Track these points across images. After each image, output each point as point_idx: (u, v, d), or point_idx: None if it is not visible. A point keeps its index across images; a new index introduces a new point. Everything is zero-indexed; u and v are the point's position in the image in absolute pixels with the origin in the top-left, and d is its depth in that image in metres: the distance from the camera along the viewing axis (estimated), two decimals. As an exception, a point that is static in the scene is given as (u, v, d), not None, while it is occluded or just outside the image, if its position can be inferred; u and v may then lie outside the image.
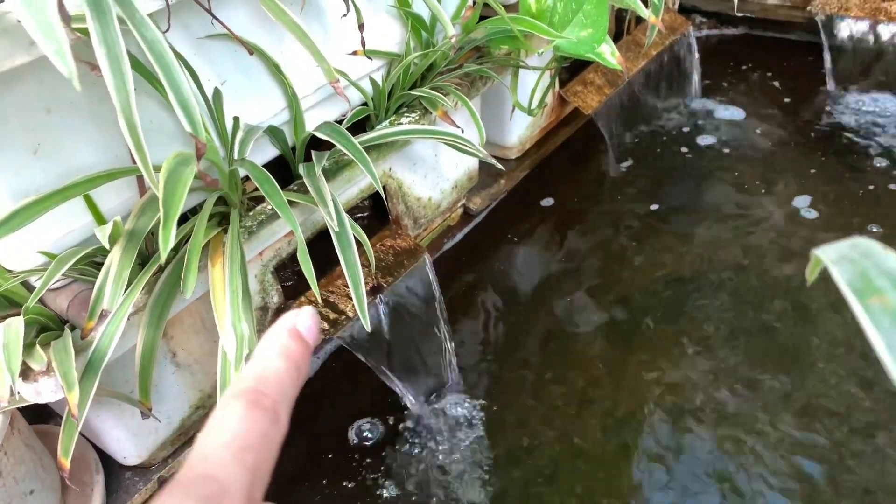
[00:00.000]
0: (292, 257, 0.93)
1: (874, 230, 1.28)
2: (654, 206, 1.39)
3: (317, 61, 0.72)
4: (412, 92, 0.94)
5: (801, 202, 1.35)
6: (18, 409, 0.82)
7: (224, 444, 0.22)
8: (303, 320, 0.26)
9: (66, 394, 0.58)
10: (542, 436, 1.03)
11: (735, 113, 1.61)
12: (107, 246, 0.59)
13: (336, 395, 1.11)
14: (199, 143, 0.48)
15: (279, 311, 0.93)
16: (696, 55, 1.59)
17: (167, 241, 0.48)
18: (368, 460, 1.02)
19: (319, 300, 0.73)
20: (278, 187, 0.70)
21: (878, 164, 1.42)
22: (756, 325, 1.13)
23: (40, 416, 0.99)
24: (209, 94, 0.76)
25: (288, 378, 0.25)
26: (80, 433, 0.91)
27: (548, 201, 1.42)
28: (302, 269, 0.70)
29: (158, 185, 0.50)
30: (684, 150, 1.53)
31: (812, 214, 1.32)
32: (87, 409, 0.79)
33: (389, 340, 1.03)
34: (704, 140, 1.55)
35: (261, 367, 0.25)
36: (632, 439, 1.00)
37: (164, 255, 0.49)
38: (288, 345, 0.25)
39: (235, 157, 0.74)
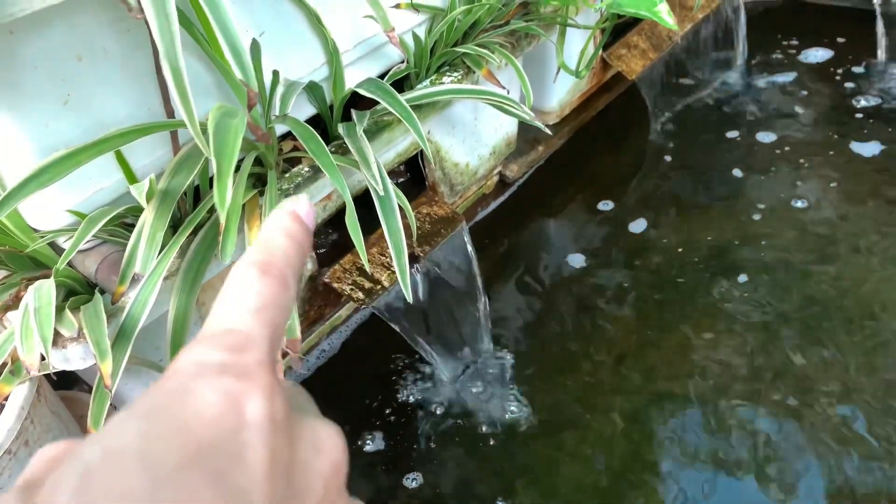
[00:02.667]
0: (326, 224, 0.89)
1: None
2: (696, 178, 1.33)
3: (372, 7, 0.66)
4: (456, 49, 0.89)
5: (845, 179, 1.29)
6: (44, 375, 0.79)
7: (243, 304, 0.24)
8: (301, 205, 0.29)
9: (99, 363, 0.55)
10: (578, 410, 0.99)
11: (780, 83, 1.54)
12: (143, 205, 0.54)
13: (367, 364, 1.08)
14: (251, 91, 0.44)
15: (312, 279, 0.89)
16: (743, 20, 1.52)
17: (223, 195, 0.43)
18: (400, 430, 0.98)
19: (367, 266, 0.69)
20: (325, 146, 0.65)
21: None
22: (797, 307, 1.08)
23: (64, 382, 0.97)
24: (247, 45, 0.71)
25: (292, 251, 0.27)
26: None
27: (586, 170, 1.37)
28: (349, 231, 0.66)
29: (208, 136, 0.45)
30: (728, 120, 1.46)
31: (858, 193, 1.26)
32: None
33: (425, 311, 0.99)
34: (749, 110, 1.48)
35: (267, 242, 0.27)
36: (668, 413, 0.96)
37: (222, 212, 0.44)
38: (289, 225, 0.28)
39: (276, 113, 0.70)
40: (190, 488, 0.18)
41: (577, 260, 1.20)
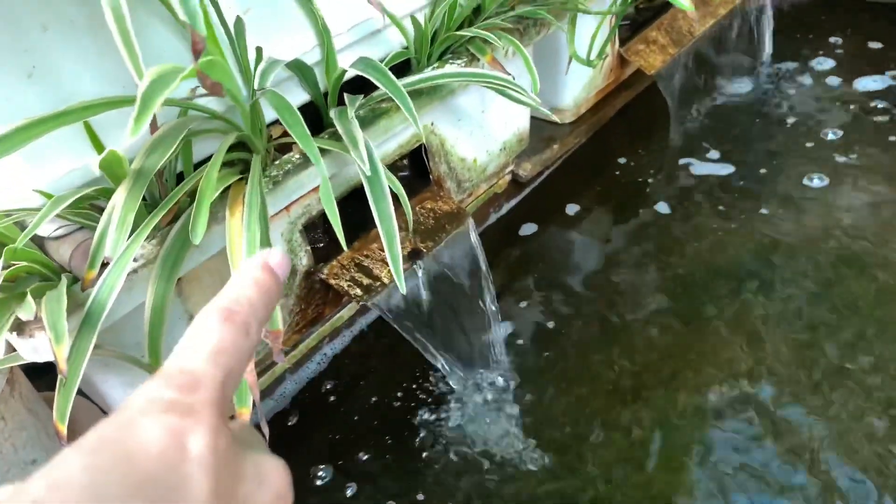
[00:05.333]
0: (323, 216, 0.85)
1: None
2: (720, 183, 1.26)
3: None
4: (459, 32, 0.84)
5: (879, 184, 1.21)
6: (24, 373, 0.76)
7: (199, 347, 0.25)
8: (273, 256, 0.30)
9: (54, 346, 0.51)
10: (591, 426, 0.92)
11: (808, 83, 1.47)
12: (96, 173, 0.51)
13: (373, 369, 1.03)
14: (195, 35, 0.40)
15: (308, 274, 0.85)
16: (770, 15, 1.46)
17: (137, 129, 0.39)
18: (406, 437, 0.93)
19: (345, 248, 0.65)
20: (301, 118, 0.61)
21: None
22: (830, 316, 1.00)
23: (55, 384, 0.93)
24: (230, 23, 0.68)
25: (259, 301, 0.28)
26: (91, 400, 0.84)
27: (605, 171, 1.31)
28: (325, 209, 0.61)
29: (145, 80, 0.41)
30: (753, 120, 1.40)
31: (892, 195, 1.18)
32: (94, 372, 0.73)
33: (430, 311, 0.94)
34: (776, 111, 1.41)
35: (234, 291, 0.28)
36: (685, 432, 0.89)
37: (133, 136, 0.40)
38: (259, 275, 0.29)
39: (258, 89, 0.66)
40: None
41: (595, 267, 1.14)
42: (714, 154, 1.32)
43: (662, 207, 1.22)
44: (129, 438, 0.21)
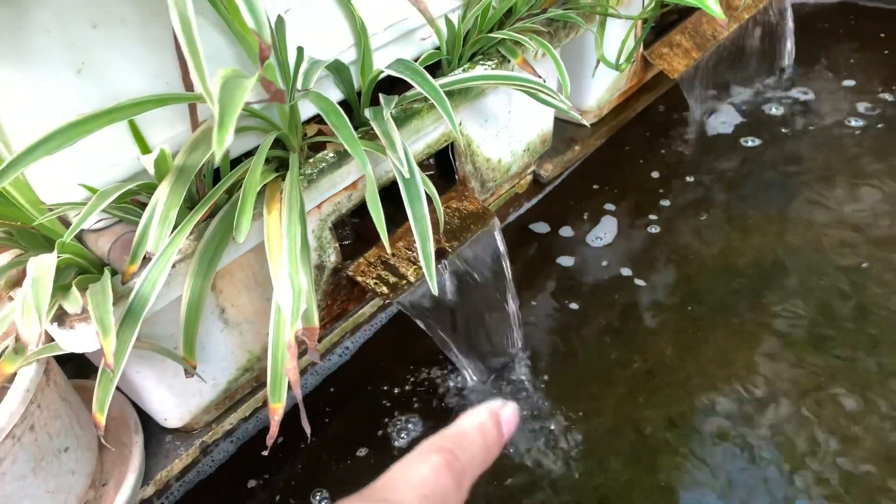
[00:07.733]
0: (352, 213, 0.86)
1: None
2: (739, 188, 1.27)
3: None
4: (492, 35, 0.85)
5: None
6: (57, 361, 0.77)
7: (412, 484, 0.25)
8: (506, 411, 0.30)
9: (101, 339, 0.52)
10: (609, 423, 0.93)
11: (830, 89, 1.47)
12: (150, 171, 0.51)
13: (389, 365, 1.04)
14: (262, 43, 0.41)
15: (336, 271, 0.86)
16: (791, 23, 1.46)
17: (222, 141, 0.40)
18: (418, 437, 0.94)
19: (388, 251, 0.65)
20: (347, 120, 0.62)
21: None
22: (841, 324, 1.01)
23: (82, 371, 0.94)
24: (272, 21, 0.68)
25: (479, 454, 0.28)
26: (121, 390, 0.85)
27: (624, 173, 1.31)
28: (371, 213, 0.62)
29: (214, 88, 0.42)
30: (773, 127, 1.40)
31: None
32: (126, 363, 0.74)
33: (453, 310, 0.94)
34: (795, 117, 1.41)
35: (461, 434, 0.28)
36: (703, 433, 0.90)
37: (218, 155, 0.41)
38: (487, 426, 0.29)
39: (299, 89, 0.67)
40: None
41: (613, 267, 1.15)
42: (728, 159, 1.32)
43: (676, 210, 1.22)
44: None
